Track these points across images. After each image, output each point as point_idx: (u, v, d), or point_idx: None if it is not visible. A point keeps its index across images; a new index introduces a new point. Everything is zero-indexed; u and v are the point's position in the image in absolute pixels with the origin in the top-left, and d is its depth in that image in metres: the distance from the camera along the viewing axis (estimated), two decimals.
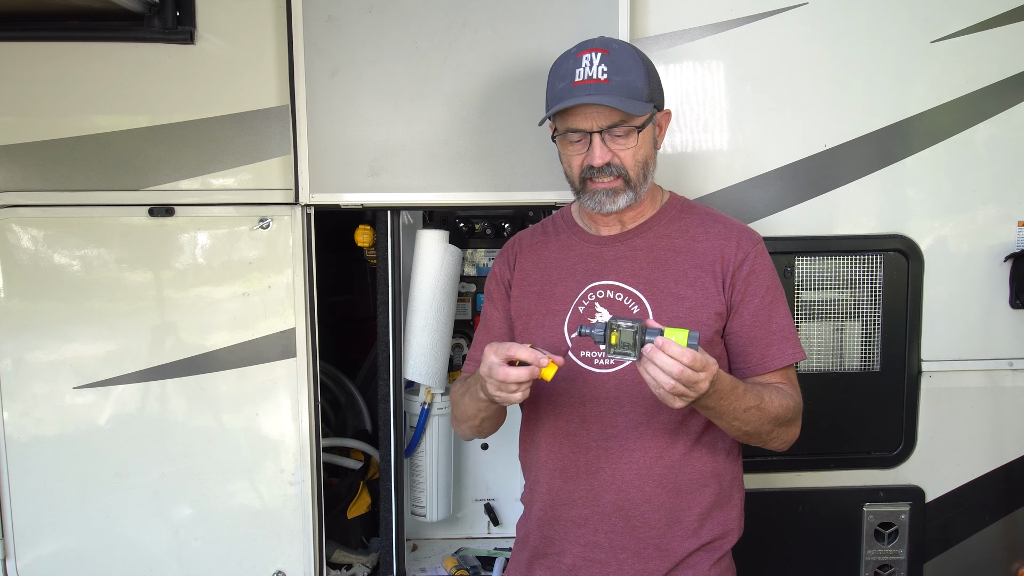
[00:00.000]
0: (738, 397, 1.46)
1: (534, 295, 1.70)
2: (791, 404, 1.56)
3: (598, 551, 1.62)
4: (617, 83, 1.53)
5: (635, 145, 1.57)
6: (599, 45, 1.56)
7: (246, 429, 2.15)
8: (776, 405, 1.53)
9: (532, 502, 1.71)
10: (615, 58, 1.55)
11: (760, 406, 1.50)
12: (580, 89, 1.53)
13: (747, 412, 1.49)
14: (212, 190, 2.10)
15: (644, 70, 1.58)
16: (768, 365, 1.59)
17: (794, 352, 1.61)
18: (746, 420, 1.50)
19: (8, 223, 2.09)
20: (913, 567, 2.26)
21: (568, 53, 1.60)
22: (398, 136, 2.07)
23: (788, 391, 1.59)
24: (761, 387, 1.55)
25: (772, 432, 1.56)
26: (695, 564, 1.61)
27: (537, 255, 1.74)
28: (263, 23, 2.07)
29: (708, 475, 1.61)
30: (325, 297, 2.24)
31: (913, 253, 2.17)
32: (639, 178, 1.59)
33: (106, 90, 2.08)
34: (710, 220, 1.67)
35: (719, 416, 1.49)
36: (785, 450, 1.63)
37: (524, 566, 1.73)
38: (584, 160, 1.58)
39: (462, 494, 2.57)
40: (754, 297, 1.60)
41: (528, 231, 1.82)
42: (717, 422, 1.52)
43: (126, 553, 2.17)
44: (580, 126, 1.56)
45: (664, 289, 1.60)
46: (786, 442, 1.61)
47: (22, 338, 2.11)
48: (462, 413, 1.71)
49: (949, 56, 2.14)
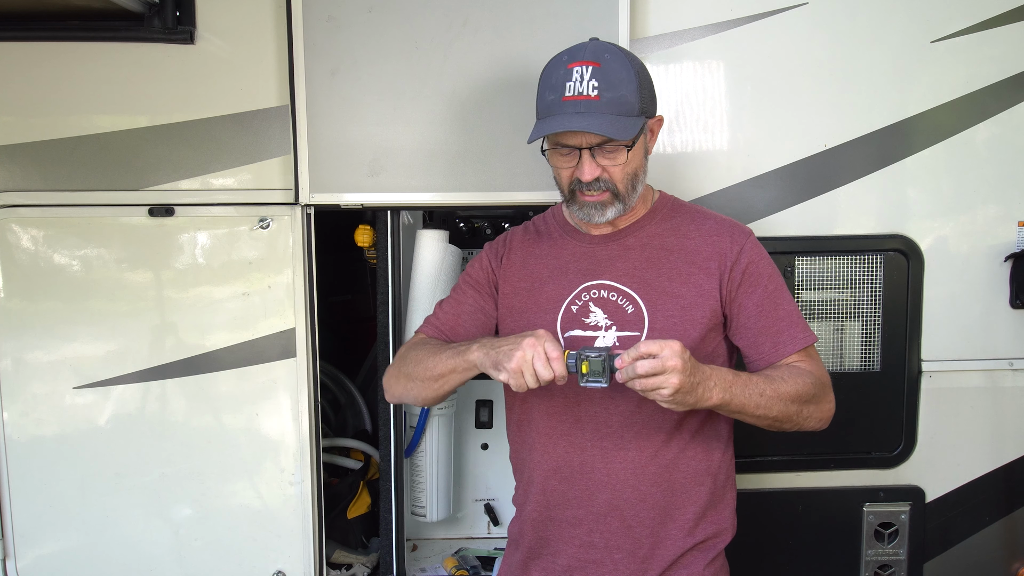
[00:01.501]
0: (745, 384, 1.47)
1: (524, 293, 1.69)
2: (809, 380, 1.55)
3: (593, 551, 1.62)
4: (607, 100, 1.51)
5: (624, 162, 1.56)
6: (590, 57, 1.53)
7: (246, 429, 2.15)
8: (791, 384, 1.52)
9: (525, 503, 1.71)
10: (606, 71, 1.52)
11: (774, 388, 1.49)
12: (569, 106, 1.51)
13: (763, 398, 1.48)
14: (212, 190, 2.10)
15: (636, 82, 1.54)
16: (782, 352, 1.59)
17: (805, 336, 1.61)
18: (768, 407, 1.49)
19: (8, 223, 2.09)
20: (913, 567, 2.26)
21: (559, 60, 1.57)
22: (398, 136, 2.07)
23: (805, 368, 1.58)
24: (771, 371, 1.55)
25: (801, 412, 1.54)
26: (689, 564, 1.61)
27: (527, 253, 1.73)
28: (263, 23, 2.07)
29: (702, 474, 1.62)
30: (325, 297, 2.24)
31: (913, 253, 2.17)
32: (627, 190, 1.59)
33: (106, 90, 2.07)
34: (700, 217, 1.68)
35: (740, 410, 1.48)
36: (825, 427, 1.62)
37: (518, 567, 1.72)
38: (573, 174, 1.58)
39: (462, 494, 2.57)
40: (757, 287, 1.60)
41: (520, 228, 1.80)
42: (744, 418, 1.51)
43: (126, 553, 2.17)
44: (569, 142, 1.55)
45: (658, 288, 1.60)
46: (822, 419, 1.60)
47: (22, 338, 2.11)
48: (423, 371, 1.61)
49: (949, 56, 2.14)
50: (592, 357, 1.40)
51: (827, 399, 1.61)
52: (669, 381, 1.35)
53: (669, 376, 1.34)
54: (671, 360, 1.34)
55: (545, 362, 1.40)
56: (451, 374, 1.57)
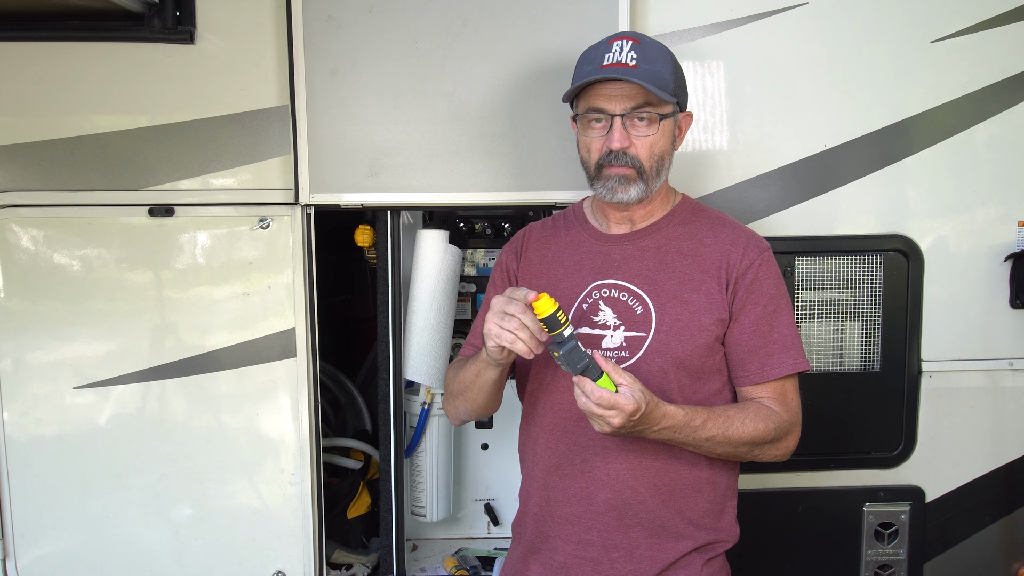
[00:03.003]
0: (695, 430, 1.50)
1: (539, 288, 1.69)
2: (771, 426, 1.55)
3: (590, 549, 1.62)
4: (645, 70, 1.55)
5: (655, 134, 1.58)
6: (631, 35, 1.60)
7: (246, 429, 2.15)
8: (749, 430, 1.53)
9: (528, 498, 1.72)
10: (645, 48, 1.57)
11: (726, 435, 1.52)
12: (608, 71, 1.56)
13: (709, 442, 1.52)
14: (212, 190, 2.10)
15: (672, 66, 1.61)
16: (766, 375, 1.59)
17: (795, 363, 1.60)
18: (710, 449, 1.54)
19: (8, 223, 2.09)
20: (913, 567, 2.26)
21: (598, 42, 1.63)
22: (398, 136, 2.07)
23: (773, 410, 1.58)
24: (734, 412, 1.55)
25: (751, 452, 1.57)
26: (687, 565, 1.61)
27: (545, 248, 1.75)
28: (263, 23, 2.07)
29: (702, 480, 1.62)
30: (325, 297, 2.24)
31: (913, 253, 2.17)
32: (652, 171, 1.60)
33: (106, 90, 2.07)
34: (719, 225, 1.67)
35: (682, 445, 1.53)
36: (785, 459, 1.63)
37: (518, 561, 1.73)
38: (604, 144, 1.59)
39: (462, 494, 2.57)
40: (756, 306, 1.59)
41: (539, 223, 1.83)
42: (684, 447, 1.56)
43: (126, 553, 2.17)
44: (604, 106, 1.57)
45: (669, 291, 1.60)
46: (776, 457, 1.61)
47: (22, 338, 2.11)
48: (458, 384, 1.70)
49: (949, 56, 2.14)
50: (561, 353, 1.42)
51: (784, 441, 1.61)
52: (612, 421, 1.40)
53: (616, 416, 1.40)
54: (629, 405, 1.39)
55: (516, 325, 1.44)
56: (477, 377, 1.63)
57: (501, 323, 1.46)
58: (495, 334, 1.46)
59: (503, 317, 1.45)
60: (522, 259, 1.76)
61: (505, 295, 1.48)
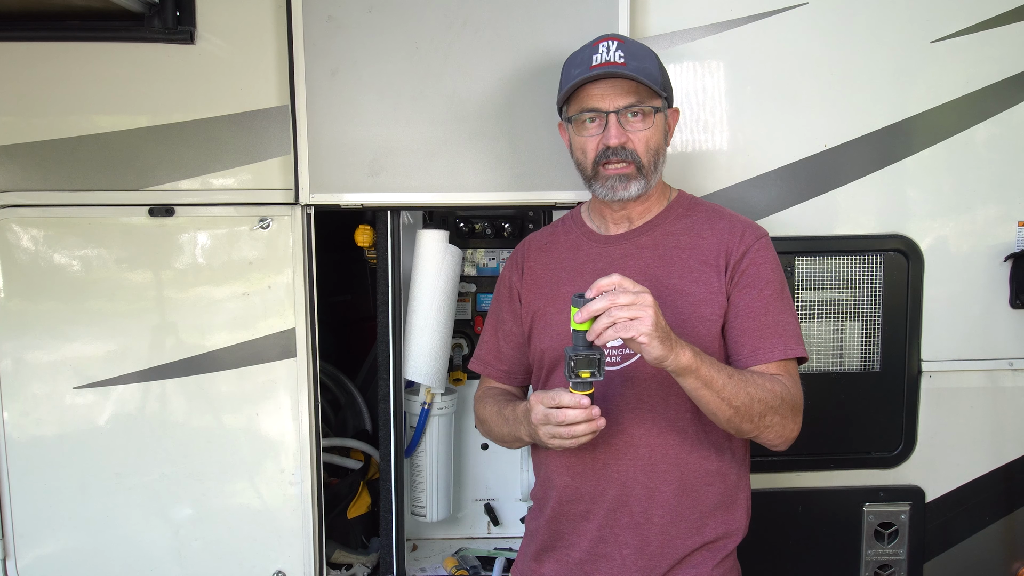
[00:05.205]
0: (713, 362, 1.45)
1: (544, 296, 1.73)
2: (779, 390, 1.51)
3: (604, 545, 1.63)
4: (634, 67, 1.58)
5: (650, 128, 1.61)
6: (615, 36, 1.64)
7: (246, 429, 2.15)
8: (760, 388, 1.48)
9: (545, 499, 1.72)
10: (630, 47, 1.62)
11: (743, 380, 1.46)
12: (600, 70, 1.58)
13: (731, 380, 1.45)
14: (212, 190, 2.10)
15: (657, 63, 1.66)
16: (759, 357, 1.56)
17: (788, 347, 1.56)
18: (733, 393, 1.45)
19: (8, 223, 2.09)
20: (913, 567, 2.26)
21: (583, 46, 1.66)
22: (398, 136, 2.07)
23: (781, 379, 1.54)
24: (743, 370, 1.53)
25: (764, 417, 1.49)
26: (698, 563, 1.61)
27: (547, 256, 1.77)
28: (263, 23, 2.07)
29: (713, 474, 1.62)
30: (325, 297, 2.24)
31: (913, 253, 2.17)
32: (650, 165, 1.62)
33: (106, 90, 2.07)
34: (716, 216, 1.69)
35: (708, 384, 1.43)
36: (785, 448, 1.59)
37: (532, 558, 1.74)
38: (599, 142, 1.61)
39: (462, 494, 2.57)
40: (751, 289, 1.59)
41: (538, 232, 1.85)
42: (708, 402, 1.46)
43: (126, 553, 2.17)
44: (597, 105, 1.60)
45: (669, 286, 1.61)
46: (782, 435, 1.55)
47: (22, 338, 2.11)
48: (496, 434, 1.75)
49: (949, 56, 2.14)
50: (578, 358, 1.41)
51: (792, 419, 1.55)
52: (646, 312, 1.34)
53: (644, 308, 1.34)
54: (645, 295, 1.36)
55: (565, 417, 1.44)
56: (513, 437, 1.68)
57: (557, 438, 1.47)
58: (555, 445, 1.49)
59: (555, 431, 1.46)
60: (525, 272, 1.78)
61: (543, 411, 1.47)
